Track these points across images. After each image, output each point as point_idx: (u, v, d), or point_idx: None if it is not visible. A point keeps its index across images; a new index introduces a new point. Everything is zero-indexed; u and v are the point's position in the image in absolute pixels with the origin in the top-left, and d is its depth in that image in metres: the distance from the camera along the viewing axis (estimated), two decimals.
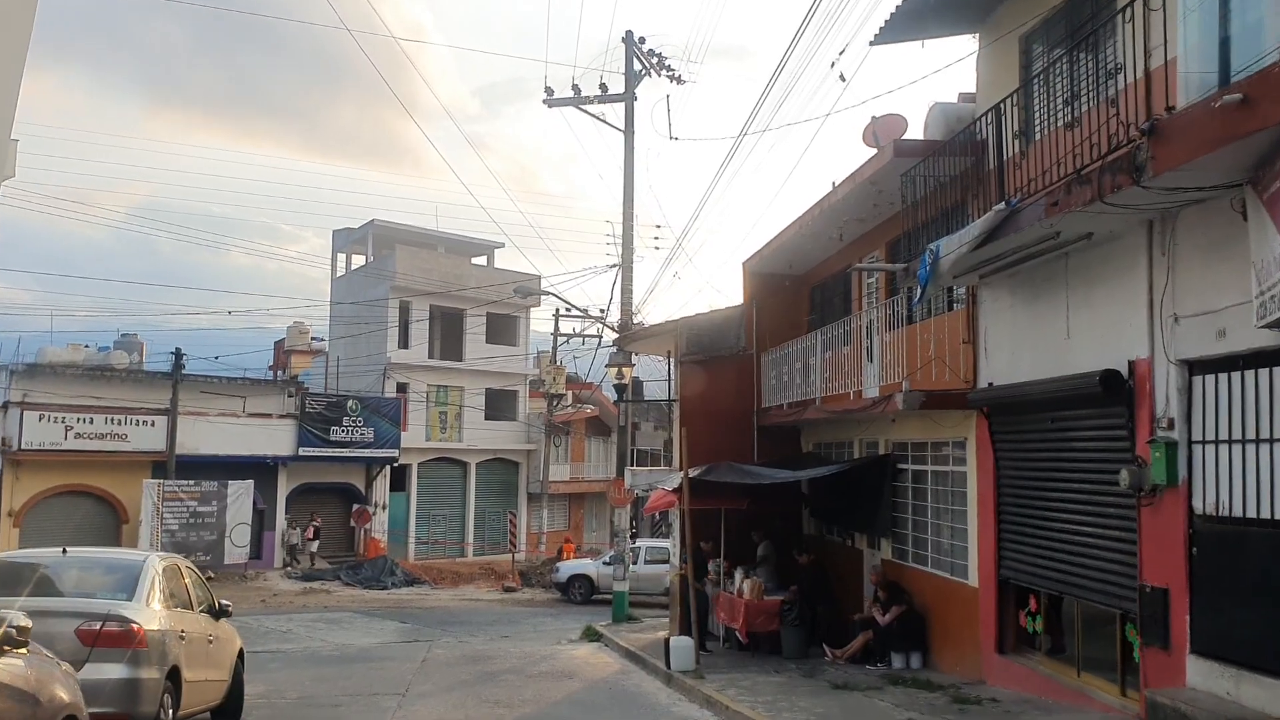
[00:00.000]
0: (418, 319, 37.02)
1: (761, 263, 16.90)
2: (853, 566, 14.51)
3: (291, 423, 31.99)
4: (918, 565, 12.46)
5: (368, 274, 38.54)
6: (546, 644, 17.70)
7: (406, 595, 28.24)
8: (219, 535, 29.51)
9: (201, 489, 29.38)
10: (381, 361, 36.04)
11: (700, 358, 17.05)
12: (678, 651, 12.28)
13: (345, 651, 16.80)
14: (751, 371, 17.08)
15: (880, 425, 13.35)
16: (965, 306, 11.01)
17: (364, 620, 21.91)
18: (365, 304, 37.05)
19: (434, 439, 37.83)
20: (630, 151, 20.91)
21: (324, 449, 32.43)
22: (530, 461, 40.47)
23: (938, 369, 11.18)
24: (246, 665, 14.79)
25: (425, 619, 22.64)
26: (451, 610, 25.01)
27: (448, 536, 38.22)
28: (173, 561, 8.12)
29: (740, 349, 17.19)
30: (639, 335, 18.02)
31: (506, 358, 39.62)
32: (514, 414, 40.11)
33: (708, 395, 16.89)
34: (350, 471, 34.33)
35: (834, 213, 13.09)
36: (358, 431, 33.16)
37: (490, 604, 27.04)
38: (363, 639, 18.77)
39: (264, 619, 21.37)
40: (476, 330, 38.89)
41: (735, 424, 16.82)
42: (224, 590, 29.29)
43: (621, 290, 20.92)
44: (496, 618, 23.49)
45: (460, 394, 38.30)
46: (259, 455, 31.15)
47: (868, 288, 14.62)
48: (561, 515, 42.57)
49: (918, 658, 11.92)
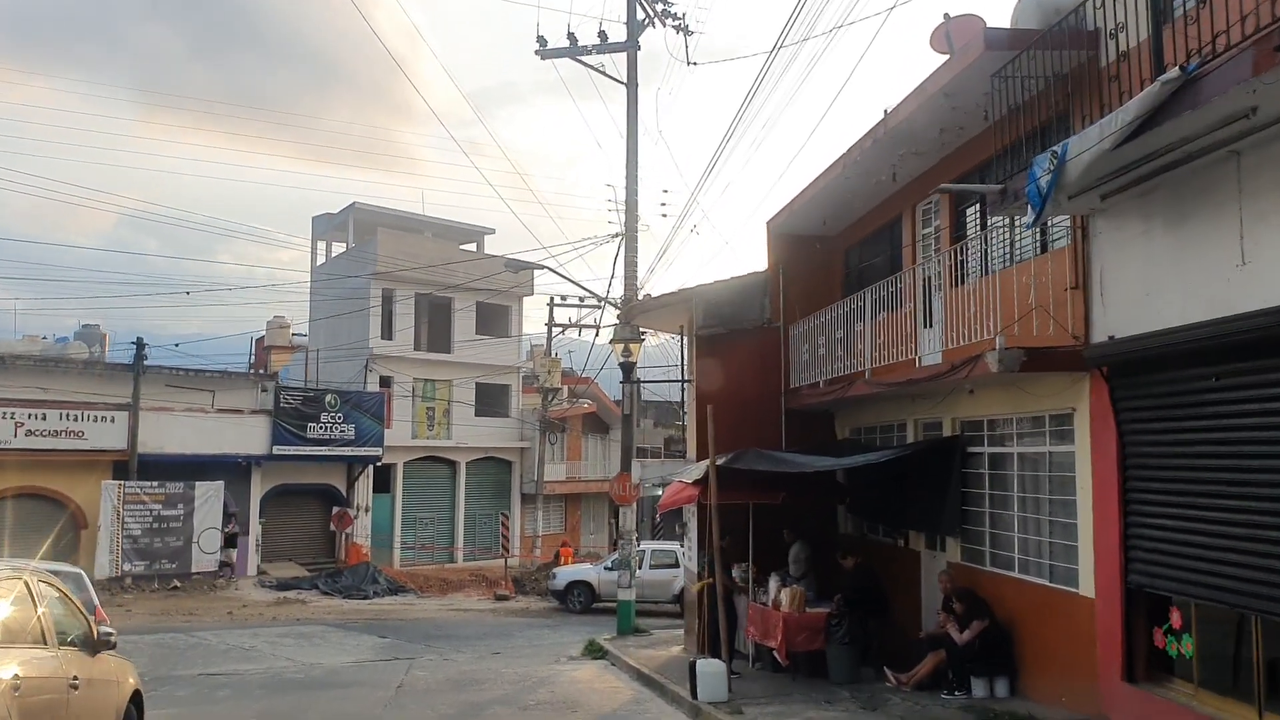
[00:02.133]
0: (402, 308, 34.66)
1: (789, 220, 14.63)
2: (906, 572, 12.23)
3: (265, 419, 29.60)
4: (999, 570, 10.18)
5: (349, 260, 36.16)
6: (544, 663, 15.39)
7: (389, 605, 25.88)
8: (186, 541, 27.13)
9: (166, 491, 27.00)
10: (363, 353, 33.66)
11: (718, 331, 14.77)
12: (707, 678, 9.97)
13: (311, 674, 14.47)
14: (777, 347, 14.83)
15: (945, 402, 11.08)
16: (1071, 244, 8.74)
17: (339, 635, 19.56)
18: (346, 292, 34.70)
19: (420, 436, 35.46)
20: (633, 106, 18.62)
21: (301, 447, 30.04)
22: (524, 460, 38.13)
23: (1026, 325, 8.90)
24: (187, 698, 12.61)
25: (407, 632, 20.30)
26: (438, 622, 22.67)
27: (436, 541, 35.84)
28: (12, 575, 5.70)
29: (764, 321, 14.92)
30: (647, 306, 15.73)
31: (498, 349, 37.26)
32: (506, 410, 37.75)
33: (727, 375, 14.64)
34: (330, 472, 31.96)
35: (891, 142, 10.81)
36: (337, 428, 30.79)
37: (481, 614, 24.71)
38: (334, 657, 16.45)
39: (227, 634, 19.02)
40: (466, 320, 36.55)
41: (759, 408, 14.56)
42: (190, 600, 27.00)
43: (625, 263, 18.62)
44: (487, 630, 21.17)
45: (449, 388, 35.95)
46: (230, 454, 28.77)
47: (922, 240, 12.35)
48: (557, 517, 40.23)
49: (1004, 684, 9.64)
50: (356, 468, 32.38)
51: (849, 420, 14.53)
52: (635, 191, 18.51)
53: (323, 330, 37.40)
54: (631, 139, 18.42)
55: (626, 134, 18.45)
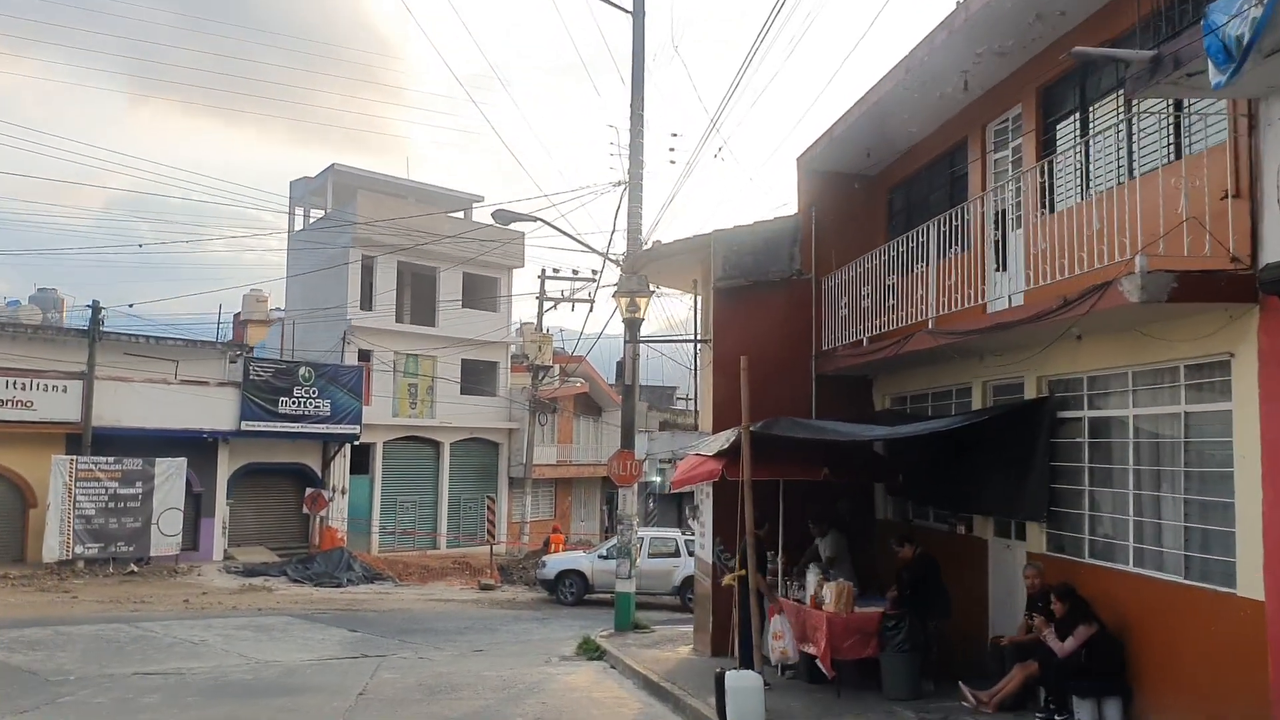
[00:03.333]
0: (383, 277, 32.47)
1: (827, 153, 12.57)
2: (968, 565, 10.24)
3: (233, 392, 27.41)
4: (1103, 562, 8.19)
5: (327, 226, 33.93)
6: (533, 664, 13.37)
7: (364, 594, 23.81)
8: (144, 522, 25.00)
9: (124, 468, 24.84)
10: (341, 324, 31.48)
11: (740, 283, 12.72)
12: (740, 697, 7.92)
13: (262, 674, 12.42)
14: (808, 302, 12.80)
15: (1029, 357, 9.06)
16: (1230, 139, 6.71)
17: (303, 627, 17.49)
18: (324, 261, 32.50)
19: (402, 414, 33.32)
20: (639, 37, 16.50)
21: (272, 423, 27.87)
22: (512, 442, 36.04)
23: (1156, 251, 6.87)
24: (105, 706, 10.49)
25: (381, 625, 18.26)
26: (415, 613, 20.62)
27: (417, 526, 33.74)
28: None
29: (793, 272, 12.87)
30: (658, 253, 13.64)
31: (485, 324, 35.10)
32: (494, 388, 35.64)
33: (748, 334, 12.59)
34: (303, 450, 29.81)
35: (971, 34, 8.76)
36: (311, 404, 28.63)
37: (463, 605, 22.66)
38: (293, 654, 14.41)
39: (177, 625, 16.94)
40: (451, 292, 34.39)
41: (785, 374, 12.54)
42: (146, 587, 24.64)
43: (628, 214, 16.56)
44: (469, 623, 19.13)
45: (433, 364, 33.80)
46: (194, 429, 26.59)
47: (994, 165, 10.32)
48: (547, 503, 38.19)
49: (1115, 706, 7.63)
50: (332, 446, 30.25)
51: (890, 387, 12.52)
52: (640, 134, 16.43)
53: (299, 301, 35.24)
54: (637, 72, 16.33)
55: (632, 67, 16.36)
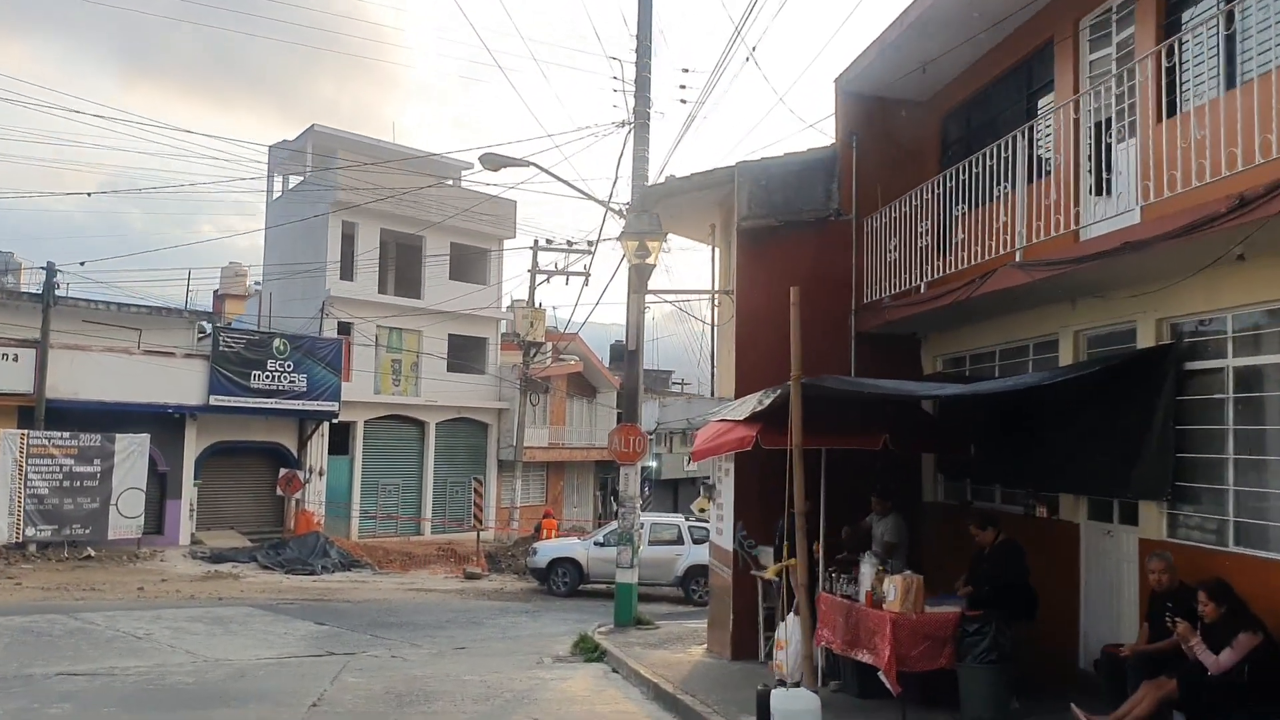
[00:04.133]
0: (366, 245, 30.52)
1: (871, 70, 10.71)
2: (1054, 554, 8.46)
3: (202, 364, 25.48)
4: (1263, 552, 6.40)
5: (306, 191, 31.93)
6: (522, 665, 11.58)
7: (339, 583, 21.97)
8: (103, 503, 23.10)
9: (80, 444, 22.93)
10: (320, 295, 29.54)
11: (769, 223, 10.88)
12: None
13: (206, 676, 10.60)
14: (847, 246, 10.98)
15: (1146, 294, 7.25)
16: None
17: (265, 620, 15.66)
18: (303, 230, 30.54)
19: (385, 392, 31.42)
20: None
21: (244, 398, 25.96)
22: (501, 423, 34.19)
23: None
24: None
25: (354, 617, 16.45)
26: (394, 604, 18.81)
27: (401, 510, 31.90)
28: None
29: (831, 211, 11.04)
30: (675, 187, 11.73)
31: (475, 298, 33.15)
32: (483, 365, 33.75)
33: (777, 283, 10.70)
34: (278, 428, 27.91)
35: None
36: (286, 378, 26.71)
37: (447, 595, 20.84)
38: (249, 651, 12.60)
39: (123, 616, 15.09)
40: (438, 266, 32.47)
41: (820, 331, 10.67)
42: (101, 573, 22.54)
43: (634, 158, 14.73)
44: (452, 615, 17.32)
45: (417, 338, 31.88)
46: (158, 404, 24.67)
47: (1089, 69, 8.49)
48: (538, 487, 36.38)
49: None
50: (309, 424, 28.36)
51: (944, 346, 10.72)
52: (648, 66, 14.56)
53: (278, 273, 33.27)
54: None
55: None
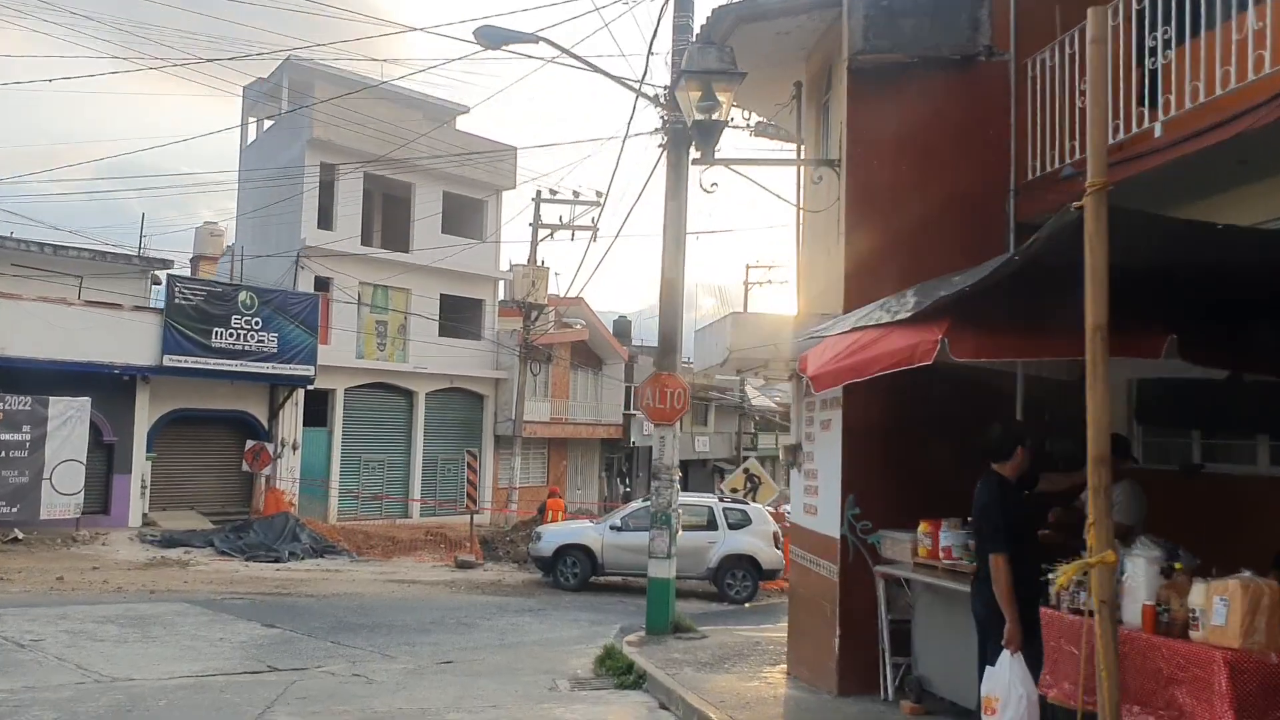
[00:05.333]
0: (347, 192, 27.06)
1: None
2: None
3: (153, 318, 22.11)
4: None
5: (282, 132, 28.48)
6: (530, 691, 8.28)
7: (307, 572, 18.64)
8: (33, 477, 19.75)
9: (6, 407, 19.58)
10: (295, 247, 26.11)
11: (895, 58, 7.51)
12: None
13: (78, 711, 7.32)
14: (1002, 95, 7.63)
15: None
16: None
17: (201, 620, 12.36)
18: (278, 175, 27.10)
19: (368, 357, 28.03)
20: None
21: (203, 358, 22.59)
22: (499, 394, 30.85)
23: None
24: None
25: (316, 617, 13.16)
26: (368, 599, 15.51)
27: (387, 490, 28.57)
28: None
29: (980, 48, 7.66)
30: (755, 9, 8.21)
31: (470, 257, 29.72)
32: (479, 330, 30.36)
33: (904, 150, 7.48)
34: (246, 395, 24.56)
35: None
36: (254, 337, 23.35)
37: (433, 588, 17.53)
38: (164, 664, 9.35)
39: (14, 616, 11.83)
40: (430, 217, 29.04)
41: (958, 220, 7.43)
42: (24, 559, 17.75)
43: (674, 27, 11.35)
44: (438, 614, 14.02)
45: (405, 298, 28.49)
46: (102, 363, 21.31)
47: None
48: (538, 466, 33.08)
49: None
50: (281, 392, 25.02)
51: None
52: None
53: (251, 227, 29.86)
54: None
55: None
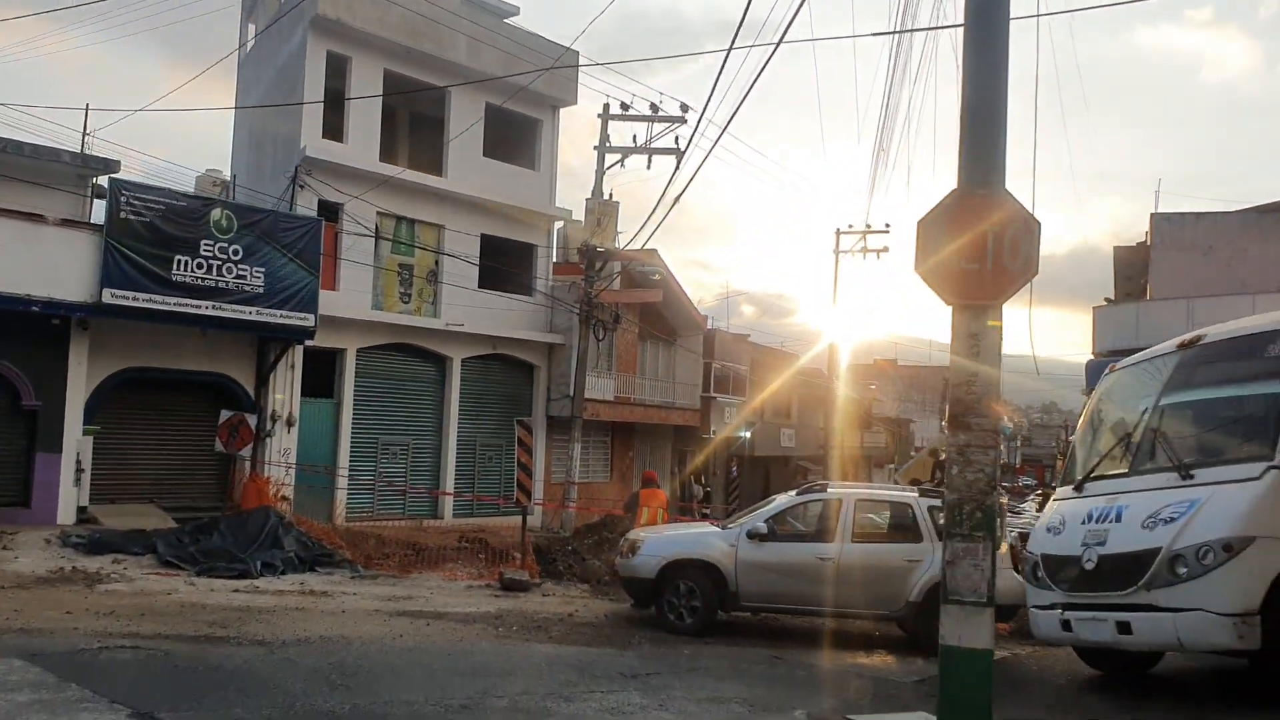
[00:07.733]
0: (363, 94, 21.09)
1: None
2: None
3: (90, 237, 16.20)
4: None
5: (284, 26, 22.61)
6: None
7: (278, 595, 12.45)
8: None
9: None
10: (293, 160, 20.16)
11: None
12: None
13: None
14: None
15: None
16: None
17: (18, 700, 6.20)
18: (278, 77, 21.27)
19: (389, 309, 22.06)
20: None
21: (161, 295, 16.64)
22: (554, 364, 24.73)
23: None
24: None
25: (247, 692, 6.94)
26: (355, 651, 9.19)
27: (411, 481, 22.51)
28: None
29: None
30: None
31: (518, 186, 23.68)
32: (529, 283, 24.27)
33: None
34: (225, 351, 18.63)
35: None
36: (233, 270, 17.36)
37: (466, 626, 11.17)
38: None
39: None
40: (470, 136, 23.00)
41: None
42: None
43: None
44: (473, 690, 7.68)
45: (438, 235, 22.48)
46: (18, 296, 15.49)
47: None
48: (599, 457, 26.92)
49: None
50: (273, 349, 19.06)
51: None
52: None
53: (246, 154, 24.04)
54: None
55: None
